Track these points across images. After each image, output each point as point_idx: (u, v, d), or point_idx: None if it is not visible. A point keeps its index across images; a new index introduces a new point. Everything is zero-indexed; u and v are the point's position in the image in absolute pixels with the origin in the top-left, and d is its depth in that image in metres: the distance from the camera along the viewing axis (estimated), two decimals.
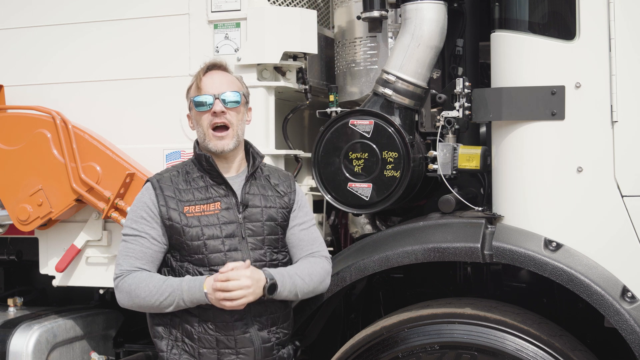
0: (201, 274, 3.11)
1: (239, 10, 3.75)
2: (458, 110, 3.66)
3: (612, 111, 3.26)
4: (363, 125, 3.66)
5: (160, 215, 3.15)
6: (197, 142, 3.29)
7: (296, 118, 4.23)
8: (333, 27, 4.23)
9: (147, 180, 3.27)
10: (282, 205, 3.30)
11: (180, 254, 3.17)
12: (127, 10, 3.96)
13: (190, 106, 3.27)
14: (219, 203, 3.17)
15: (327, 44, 4.21)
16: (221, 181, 3.21)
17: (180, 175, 3.24)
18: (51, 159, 3.95)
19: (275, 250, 3.26)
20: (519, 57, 3.42)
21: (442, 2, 3.70)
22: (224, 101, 3.18)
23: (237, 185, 3.23)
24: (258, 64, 3.76)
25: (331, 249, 4.24)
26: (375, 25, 3.84)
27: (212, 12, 3.79)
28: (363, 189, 3.66)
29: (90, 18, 4.02)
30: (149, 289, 3.08)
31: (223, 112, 3.18)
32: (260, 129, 3.73)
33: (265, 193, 3.28)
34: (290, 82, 3.88)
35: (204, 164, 3.21)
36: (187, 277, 3.11)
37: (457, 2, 3.96)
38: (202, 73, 3.23)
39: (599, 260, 3.27)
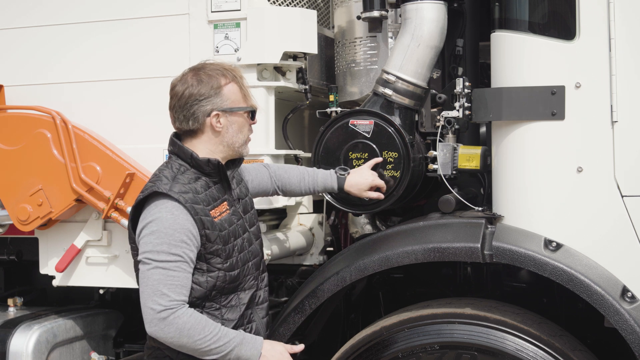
0: (235, 280, 3.10)
1: (239, 10, 3.75)
2: (458, 110, 3.65)
3: (612, 111, 3.26)
4: (363, 125, 3.66)
5: (199, 233, 2.98)
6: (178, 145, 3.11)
7: (296, 118, 4.23)
8: (333, 27, 4.23)
9: (167, 197, 2.97)
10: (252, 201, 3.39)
11: (209, 264, 3.03)
12: (125, 10, 3.96)
13: (235, 112, 3.12)
14: (226, 202, 3.14)
15: (327, 44, 4.21)
16: (227, 185, 3.17)
17: (187, 181, 3.05)
18: (51, 159, 3.94)
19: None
20: (519, 57, 3.41)
21: (442, 2, 3.69)
22: None
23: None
24: (258, 64, 3.75)
25: (331, 249, 4.26)
26: (375, 25, 3.84)
27: (212, 12, 3.79)
28: None
29: (88, 19, 4.02)
30: (205, 333, 2.93)
31: None
32: (261, 128, 3.72)
33: (246, 192, 3.32)
34: (290, 82, 3.87)
35: (214, 169, 3.09)
36: (243, 332, 3.06)
37: (457, 2, 3.96)
38: (243, 80, 3.18)
39: (598, 260, 3.27)
